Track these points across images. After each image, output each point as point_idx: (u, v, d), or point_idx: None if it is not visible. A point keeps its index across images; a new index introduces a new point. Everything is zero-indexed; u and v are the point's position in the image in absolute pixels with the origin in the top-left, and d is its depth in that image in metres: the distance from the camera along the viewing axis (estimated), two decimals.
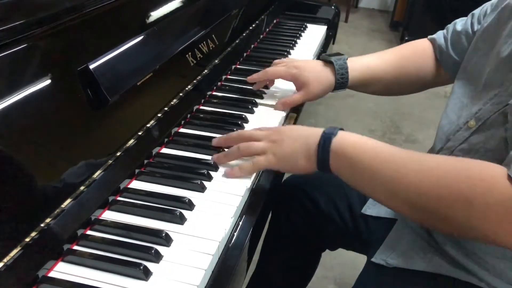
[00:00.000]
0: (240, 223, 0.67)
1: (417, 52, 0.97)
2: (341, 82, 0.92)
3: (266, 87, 1.02)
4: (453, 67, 0.90)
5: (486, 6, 0.85)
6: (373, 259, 0.79)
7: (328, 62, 0.94)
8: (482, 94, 0.72)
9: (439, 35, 0.95)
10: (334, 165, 0.67)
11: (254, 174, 0.73)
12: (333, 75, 0.92)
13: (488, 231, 0.55)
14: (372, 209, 0.92)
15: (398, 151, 0.64)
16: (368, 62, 0.96)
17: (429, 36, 0.97)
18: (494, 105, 0.68)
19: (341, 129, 0.69)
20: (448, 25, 0.94)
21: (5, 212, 0.50)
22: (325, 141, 0.67)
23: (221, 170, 0.74)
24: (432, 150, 0.81)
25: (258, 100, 0.96)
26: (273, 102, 0.97)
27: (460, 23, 0.90)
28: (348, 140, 0.66)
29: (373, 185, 0.64)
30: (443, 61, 0.93)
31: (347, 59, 0.93)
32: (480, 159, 0.67)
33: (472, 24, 0.87)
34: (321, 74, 0.92)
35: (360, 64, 0.94)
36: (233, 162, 0.74)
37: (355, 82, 0.94)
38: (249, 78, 0.97)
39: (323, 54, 0.97)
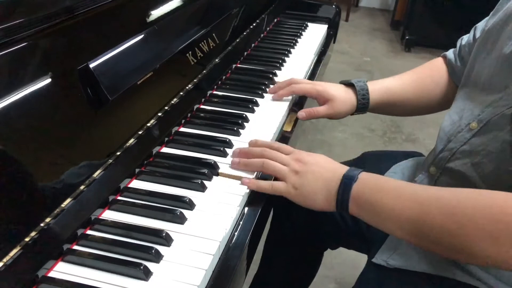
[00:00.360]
0: (241, 223, 0.66)
1: (434, 69, 0.97)
2: (363, 103, 0.94)
3: (268, 86, 1.01)
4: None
5: (487, 18, 0.85)
6: (373, 260, 0.79)
7: (349, 85, 0.95)
8: (484, 96, 0.72)
9: (450, 51, 0.95)
10: (353, 209, 0.67)
11: (255, 174, 0.73)
12: (355, 96, 0.94)
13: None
14: None
15: (420, 189, 0.64)
16: (388, 83, 0.97)
17: (442, 54, 0.98)
18: (496, 107, 0.68)
19: (363, 170, 0.69)
20: (457, 41, 0.95)
21: (5, 212, 0.50)
22: (345, 187, 0.67)
23: (222, 170, 0.74)
24: (433, 151, 0.81)
25: (259, 100, 0.96)
26: (274, 102, 0.97)
27: (465, 37, 0.91)
28: (368, 184, 0.67)
29: (396, 225, 0.64)
30: (454, 75, 0.93)
31: (366, 81, 0.95)
32: (481, 161, 0.66)
33: (474, 35, 0.87)
34: (344, 94, 0.94)
35: (380, 86, 0.95)
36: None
37: (376, 104, 0.95)
38: (276, 95, 0.98)
39: (342, 80, 0.98)
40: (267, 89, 1.01)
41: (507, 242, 0.55)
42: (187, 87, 0.88)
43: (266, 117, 0.91)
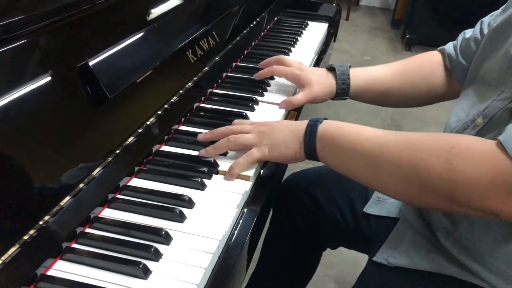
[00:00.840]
0: (241, 221, 0.66)
1: (424, 62, 0.97)
2: (343, 88, 0.94)
3: (268, 84, 1.01)
4: (463, 75, 0.88)
5: (496, 12, 0.85)
6: (374, 258, 0.79)
7: (331, 69, 0.96)
8: (490, 93, 0.72)
9: (448, 45, 0.94)
10: (320, 151, 0.70)
11: (254, 173, 0.73)
12: (335, 80, 0.94)
13: (470, 196, 0.57)
14: (374, 208, 0.92)
15: (381, 130, 0.68)
16: (373, 71, 0.97)
17: (439, 47, 0.97)
18: (500, 101, 0.68)
19: (325, 118, 0.73)
20: (459, 36, 0.93)
21: (4, 210, 0.49)
22: (312, 127, 0.71)
23: (221, 168, 0.74)
24: None
25: (259, 98, 0.96)
26: (273, 100, 0.97)
27: (469, 31, 0.90)
28: (332, 125, 0.71)
29: (357, 163, 0.67)
30: (454, 70, 0.92)
31: (350, 66, 0.95)
32: None
33: (481, 30, 0.86)
34: (323, 78, 0.94)
35: (364, 72, 0.95)
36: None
37: (358, 90, 0.95)
38: (257, 75, 1.00)
39: (328, 64, 0.98)
40: (267, 88, 1.01)
41: (459, 168, 0.57)
42: (187, 85, 0.87)
43: (266, 116, 0.91)
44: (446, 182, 0.58)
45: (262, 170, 0.76)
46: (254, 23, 1.27)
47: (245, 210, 0.69)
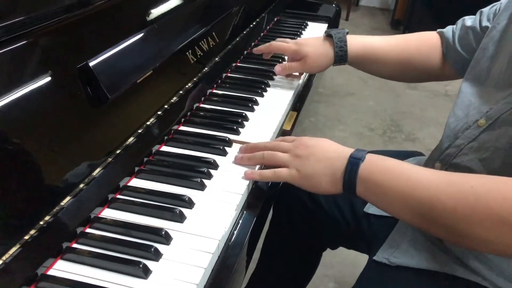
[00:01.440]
0: (240, 221, 0.66)
1: (423, 42, 0.98)
2: (340, 55, 0.95)
3: (268, 85, 1.02)
4: (459, 62, 0.90)
5: (497, 5, 0.84)
6: (375, 258, 0.79)
7: (328, 36, 0.97)
8: (493, 94, 0.72)
9: (447, 29, 0.95)
10: (361, 192, 0.65)
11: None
12: (332, 48, 0.96)
13: None
14: (374, 207, 0.92)
15: (430, 173, 0.63)
16: (371, 40, 0.98)
17: (439, 30, 0.98)
18: (506, 104, 0.68)
19: (369, 152, 0.67)
20: (458, 21, 0.94)
21: (5, 210, 0.50)
22: (352, 167, 0.65)
23: (221, 168, 0.74)
24: (438, 148, 0.81)
25: (258, 98, 0.96)
26: (273, 101, 0.97)
27: (469, 19, 0.91)
28: (376, 165, 0.65)
29: (405, 209, 0.63)
30: (449, 55, 0.93)
31: (347, 33, 0.96)
32: (489, 157, 0.66)
33: (480, 21, 0.87)
34: (319, 47, 0.96)
35: (362, 40, 0.97)
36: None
37: (355, 57, 0.96)
38: (255, 50, 1.04)
39: (326, 30, 1.00)
40: (267, 88, 1.01)
41: (508, 242, 0.55)
42: (187, 86, 0.88)
43: (266, 116, 0.91)
44: (506, 241, 0.56)
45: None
46: (254, 23, 1.27)
47: (245, 210, 0.69)
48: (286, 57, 1.19)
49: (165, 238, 0.59)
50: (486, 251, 0.66)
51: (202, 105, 0.93)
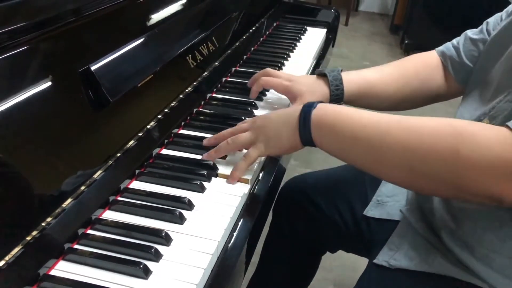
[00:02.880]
0: (239, 223, 0.67)
1: (420, 65, 0.94)
2: (336, 94, 0.89)
3: (266, 90, 1.02)
4: (467, 76, 0.86)
5: (501, 13, 0.84)
6: (375, 261, 0.79)
7: (321, 75, 0.92)
8: (496, 94, 0.71)
9: (447, 47, 0.92)
10: (316, 137, 0.68)
11: (253, 176, 0.74)
12: (327, 87, 0.89)
13: (476, 183, 0.56)
14: (374, 211, 0.92)
15: (382, 115, 0.64)
16: (366, 74, 0.93)
17: (437, 49, 0.94)
18: (508, 102, 0.67)
19: (321, 102, 0.70)
20: (457, 38, 0.91)
21: (7, 211, 0.50)
22: (305, 114, 0.68)
23: (221, 171, 0.75)
24: None
25: (257, 102, 0.97)
26: (272, 104, 0.98)
27: (472, 32, 0.88)
28: (327, 109, 0.68)
29: (357, 150, 0.65)
30: (456, 72, 0.90)
31: (341, 70, 0.91)
32: None
33: (488, 31, 0.85)
34: (314, 86, 0.90)
35: (357, 76, 0.92)
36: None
37: (353, 95, 0.91)
38: (251, 94, 0.97)
39: (317, 69, 0.94)
40: (266, 92, 1.02)
41: (468, 154, 0.55)
42: (187, 90, 0.89)
43: None
44: (452, 169, 0.57)
45: (261, 173, 0.77)
46: (254, 28, 1.28)
47: (244, 212, 0.69)
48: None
49: (165, 239, 0.60)
50: (457, 196, 0.65)
51: (202, 109, 0.93)
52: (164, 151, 0.79)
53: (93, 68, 0.65)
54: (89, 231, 0.61)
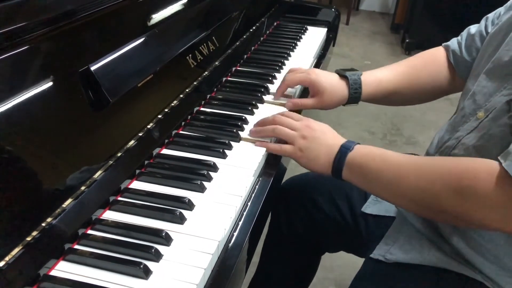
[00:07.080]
0: (240, 223, 0.67)
1: (429, 60, 0.98)
2: (354, 96, 0.95)
3: (267, 89, 1.02)
4: (467, 71, 0.89)
5: (500, 9, 0.86)
6: (371, 255, 0.81)
7: (343, 76, 0.96)
8: (491, 88, 0.73)
9: (453, 41, 0.96)
10: (346, 174, 0.76)
11: (253, 177, 0.74)
12: (347, 89, 0.95)
13: (480, 218, 0.62)
14: (372, 207, 0.93)
15: (402, 156, 0.72)
16: (381, 77, 0.97)
17: (443, 44, 0.98)
18: (502, 96, 0.70)
19: (358, 143, 0.77)
20: (462, 32, 0.95)
21: (8, 211, 0.50)
22: (342, 154, 0.75)
23: (221, 171, 0.75)
24: (438, 142, 0.82)
25: (258, 102, 0.97)
26: (272, 105, 0.98)
27: (473, 27, 0.91)
28: (360, 152, 0.75)
29: (380, 186, 0.73)
30: (457, 66, 0.94)
31: (361, 74, 0.95)
32: (484, 145, 0.69)
33: (486, 26, 0.88)
34: (336, 86, 0.95)
35: (374, 78, 0.96)
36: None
37: (368, 97, 0.97)
38: (277, 94, 0.99)
39: (339, 69, 0.98)
40: (267, 92, 1.02)
41: (470, 197, 0.61)
42: (187, 90, 0.88)
43: None
44: (460, 210, 0.63)
45: (261, 173, 0.77)
46: (254, 28, 1.28)
47: (244, 212, 0.70)
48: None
49: (166, 239, 0.60)
50: (465, 225, 0.71)
51: (202, 109, 0.93)
52: (165, 151, 0.79)
53: (93, 68, 0.65)
54: (90, 231, 0.61)
